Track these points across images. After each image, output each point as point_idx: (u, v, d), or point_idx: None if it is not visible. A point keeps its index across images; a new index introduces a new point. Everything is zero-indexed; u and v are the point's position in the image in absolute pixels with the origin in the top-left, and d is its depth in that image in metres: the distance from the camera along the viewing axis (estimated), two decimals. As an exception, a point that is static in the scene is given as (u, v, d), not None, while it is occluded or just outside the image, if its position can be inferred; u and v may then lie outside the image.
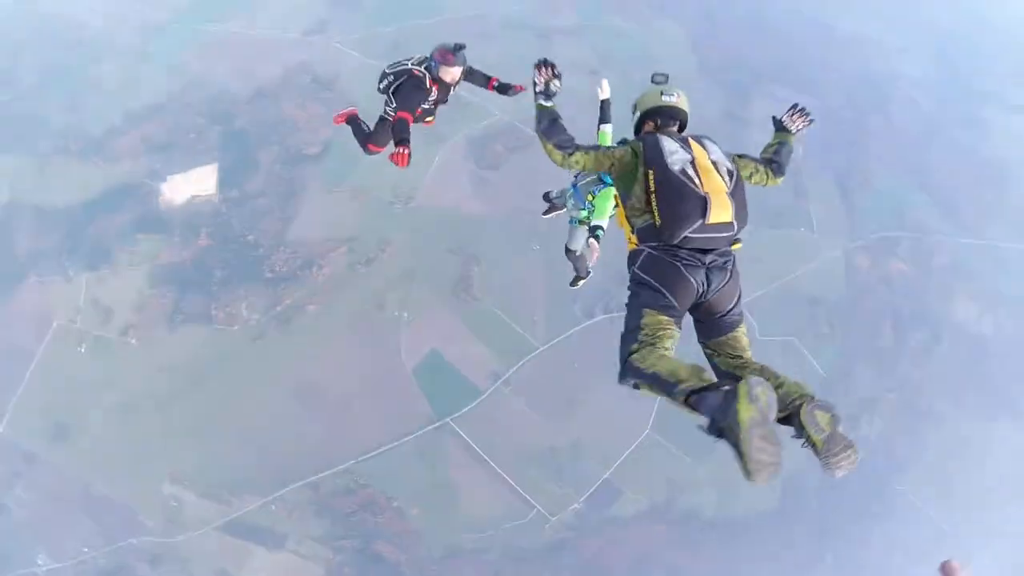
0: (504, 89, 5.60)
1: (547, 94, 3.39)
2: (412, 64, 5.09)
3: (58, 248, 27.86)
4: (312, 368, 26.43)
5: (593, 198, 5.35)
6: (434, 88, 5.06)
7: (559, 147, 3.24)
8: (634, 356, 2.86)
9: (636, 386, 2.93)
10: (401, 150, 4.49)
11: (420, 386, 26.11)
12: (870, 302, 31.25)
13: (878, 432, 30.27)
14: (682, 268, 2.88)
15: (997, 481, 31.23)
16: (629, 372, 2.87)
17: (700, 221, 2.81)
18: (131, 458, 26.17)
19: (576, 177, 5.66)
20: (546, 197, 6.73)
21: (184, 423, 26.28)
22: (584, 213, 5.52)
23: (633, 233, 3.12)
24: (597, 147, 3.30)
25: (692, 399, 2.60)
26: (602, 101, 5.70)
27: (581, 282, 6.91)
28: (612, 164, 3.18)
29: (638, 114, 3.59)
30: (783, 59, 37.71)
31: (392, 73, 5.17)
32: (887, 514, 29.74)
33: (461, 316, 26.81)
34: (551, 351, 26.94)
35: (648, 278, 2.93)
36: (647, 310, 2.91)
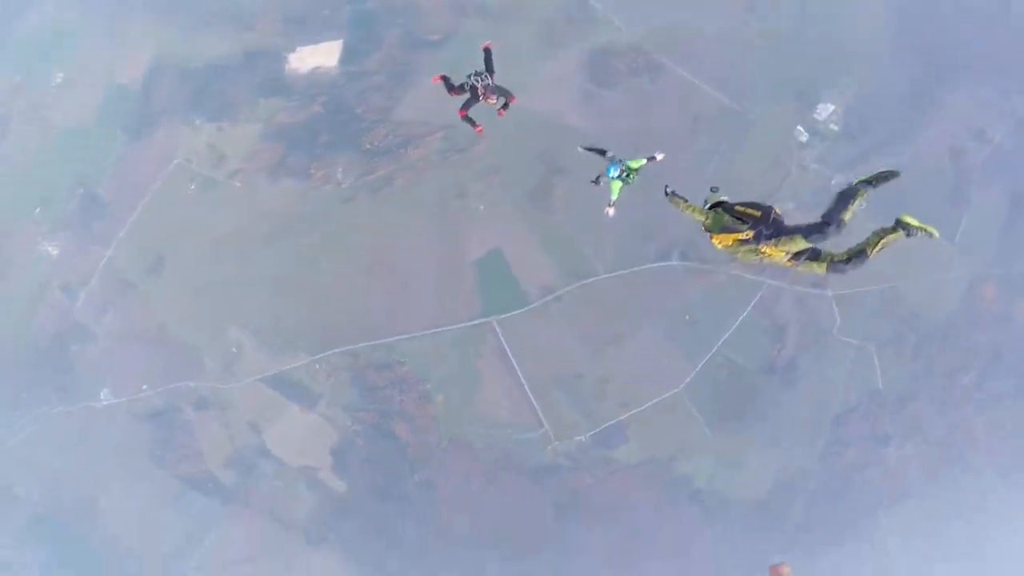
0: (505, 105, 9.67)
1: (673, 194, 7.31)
2: (480, 85, 9.11)
3: (190, 101, 30.89)
4: (385, 240, 27.98)
5: (609, 180, 8.81)
6: (486, 100, 9.33)
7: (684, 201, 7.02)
8: (839, 253, 5.72)
9: (861, 260, 5.58)
10: (476, 128, 9.72)
11: (477, 280, 27.04)
12: (974, 338, 27.80)
13: (899, 457, 28.31)
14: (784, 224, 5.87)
15: (981, 545, 28.98)
16: (855, 258, 5.58)
17: (773, 209, 5.85)
18: (210, 299, 29.35)
19: (614, 158, 8.97)
20: (602, 153, 9.28)
21: (263, 272, 28.95)
22: (612, 173, 8.75)
23: (743, 231, 5.92)
24: (703, 206, 6.56)
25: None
26: (654, 157, 8.97)
27: (586, 150, 9.51)
28: (707, 217, 6.34)
29: (708, 204, 6.51)
30: (1007, 56, 29.91)
31: (470, 83, 9.19)
32: (857, 537, 28.63)
33: (533, 223, 26.99)
34: (612, 281, 26.60)
35: (778, 233, 5.77)
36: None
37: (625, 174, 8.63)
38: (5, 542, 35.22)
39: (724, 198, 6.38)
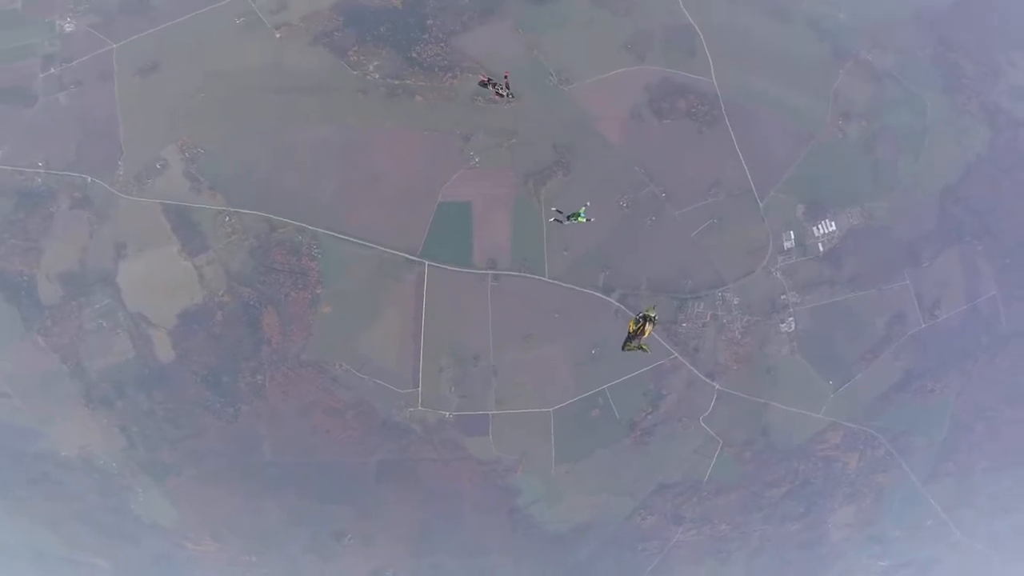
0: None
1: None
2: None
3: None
4: (374, 140, 27.17)
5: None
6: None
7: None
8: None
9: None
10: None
11: (434, 219, 26.34)
12: (799, 466, 30.20)
13: (680, 539, 29.76)
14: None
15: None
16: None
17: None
18: (173, 113, 27.15)
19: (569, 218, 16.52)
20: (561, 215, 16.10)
21: (242, 115, 27.24)
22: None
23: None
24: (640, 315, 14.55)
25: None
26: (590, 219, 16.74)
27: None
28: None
29: (642, 313, 14.48)
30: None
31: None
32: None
33: (519, 201, 26.75)
34: (550, 288, 26.43)
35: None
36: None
37: (568, 216, 15.36)
38: None
39: (653, 314, 13.10)
